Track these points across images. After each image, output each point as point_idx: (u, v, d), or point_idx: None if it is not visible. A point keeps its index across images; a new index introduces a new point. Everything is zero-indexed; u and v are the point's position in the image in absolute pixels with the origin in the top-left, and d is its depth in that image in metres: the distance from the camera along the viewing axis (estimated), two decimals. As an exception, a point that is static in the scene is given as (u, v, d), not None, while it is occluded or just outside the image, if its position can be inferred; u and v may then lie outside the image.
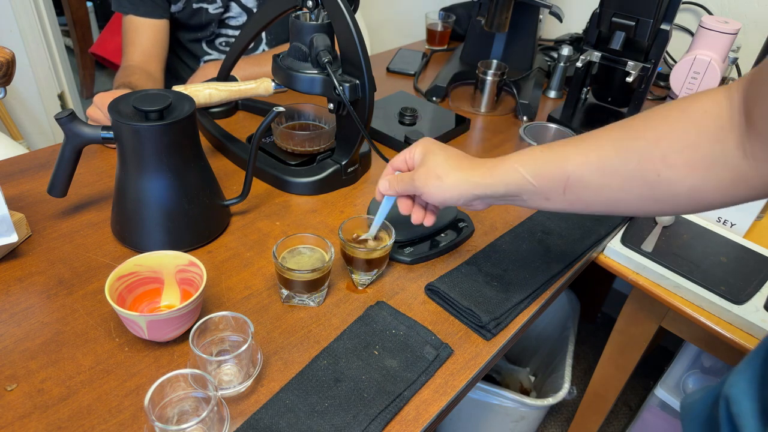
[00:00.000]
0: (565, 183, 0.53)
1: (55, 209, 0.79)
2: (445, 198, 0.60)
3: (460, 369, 0.61)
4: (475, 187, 0.58)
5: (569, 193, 0.54)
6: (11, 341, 0.59)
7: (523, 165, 0.56)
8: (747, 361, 0.42)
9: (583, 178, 0.52)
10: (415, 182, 0.61)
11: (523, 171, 0.56)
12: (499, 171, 0.57)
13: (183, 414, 0.52)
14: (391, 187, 0.64)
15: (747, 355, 0.43)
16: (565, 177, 0.53)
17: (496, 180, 0.57)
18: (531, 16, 1.26)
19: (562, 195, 0.54)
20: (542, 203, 0.57)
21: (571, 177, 0.53)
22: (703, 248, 0.84)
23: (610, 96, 1.16)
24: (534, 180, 0.55)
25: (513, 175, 0.56)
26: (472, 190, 0.58)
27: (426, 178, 0.60)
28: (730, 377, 0.42)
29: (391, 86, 1.29)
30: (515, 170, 0.56)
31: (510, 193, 0.57)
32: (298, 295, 0.66)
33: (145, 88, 1.07)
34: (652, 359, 1.58)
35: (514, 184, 0.56)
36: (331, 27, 0.79)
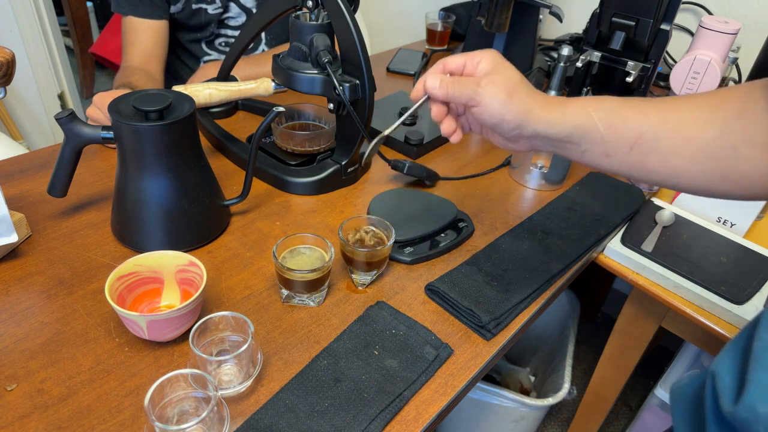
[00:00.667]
0: (635, 140, 0.50)
1: (55, 209, 0.79)
2: (504, 119, 0.53)
3: (460, 369, 0.61)
4: (539, 121, 0.53)
5: (635, 152, 0.50)
6: (11, 341, 0.59)
7: (597, 110, 0.52)
8: (733, 342, 0.42)
9: (656, 139, 0.49)
10: (480, 89, 0.53)
11: (596, 116, 0.51)
12: (569, 110, 0.53)
13: (183, 414, 0.52)
14: (442, 87, 0.56)
15: (733, 337, 0.43)
16: (637, 134, 0.50)
17: (565, 119, 0.52)
18: (531, 16, 1.26)
19: (626, 153, 0.51)
20: (600, 159, 0.53)
21: (644, 135, 0.49)
22: (703, 248, 0.84)
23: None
24: (604, 129, 0.51)
25: (584, 118, 0.52)
26: (534, 123, 0.53)
27: (495, 90, 0.53)
28: (717, 356, 0.43)
29: (391, 86, 1.29)
30: (587, 113, 0.52)
31: (573, 137, 0.52)
32: (298, 295, 0.66)
33: (145, 87, 1.08)
34: (652, 359, 1.58)
35: (581, 127, 0.52)
36: (331, 27, 0.79)
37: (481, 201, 0.90)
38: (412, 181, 0.93)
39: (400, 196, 0.85)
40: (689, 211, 0.92)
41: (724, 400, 0.38)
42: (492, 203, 0.90)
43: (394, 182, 0.93)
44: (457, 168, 0.99)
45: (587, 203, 0.90)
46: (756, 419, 0.34)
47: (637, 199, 0.92)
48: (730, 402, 0.37)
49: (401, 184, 0.93)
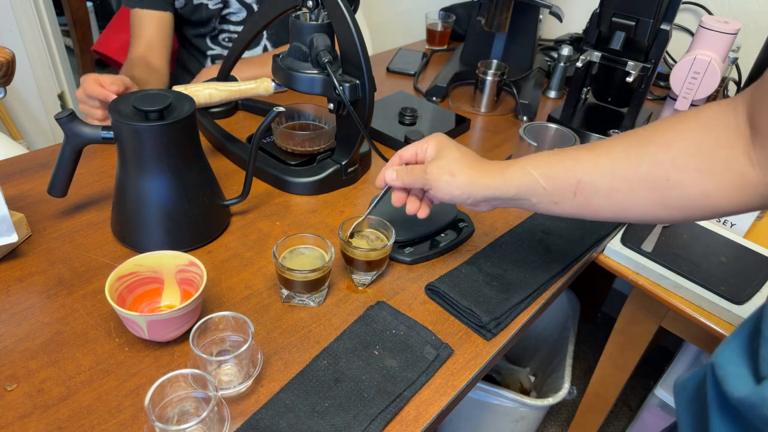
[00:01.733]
0: (575, 187, 0.54)
1: (55, 209, 0.79)
2: (454, 195, 0.60)
3: (460, 369, 0.61)
4: (485, 188, 0.58)
5: (579, 197, 0.54)
6: (11, 341, 0.59)
7: (535, 167, 0.56)
8: (733, 334, 0.44)
9: (594, 182, 0.53)
10: (427, 175, 0.61)
11: (535, 173, 0.56)
12: (510, 173, 0.58)
13: (183, 414, 0.52)
14: (399, 178, 0.64)
15: (733, 330, 0.44)
16: (576, 180, 0.54)
17: (507, 181, 0.58)
18: (531, 16, 1.26)
19: (572, 199, 0.55)
20: (551, 207, 0.57)
21: (582, 180, 0.53)
22: (703, 248, 0.84)
23: (610, 96, 1.16)
24: (545, 182, 0.55)
25: (524, 177, 0.57)
26: (482, 191, 0.59)
27: (439, 173, 0.60)
28: (717, 348, 0.44)
29: (391, 86, 1.29)
30: (527, 172, 0.57)
31: (520, 195, 0.58)
32: (298, 295, 0.66)
33: (146, 80, 1.08)
34: (652, 359, 1.58)
35: (525, 186, 0.57)
36: (331, 27, 0.79)
37: (481, 201, 0.90)
38: (412, 181, 0.93)
39: (400, 196, 0.85)
40: (689, 211, 0.92)
41: (729, 386, 0.39)
42: (492, 203, 0.89)
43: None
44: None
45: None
46: (763, 403, 0.35)
47: (637, 199, 0.92)
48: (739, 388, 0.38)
49: (401, 184, 0.92)
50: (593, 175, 0.53)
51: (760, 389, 0.36)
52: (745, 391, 0.37)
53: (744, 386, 0.38)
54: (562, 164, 0.55)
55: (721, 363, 0.41)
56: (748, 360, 0.40)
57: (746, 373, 0.39)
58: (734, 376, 0.39)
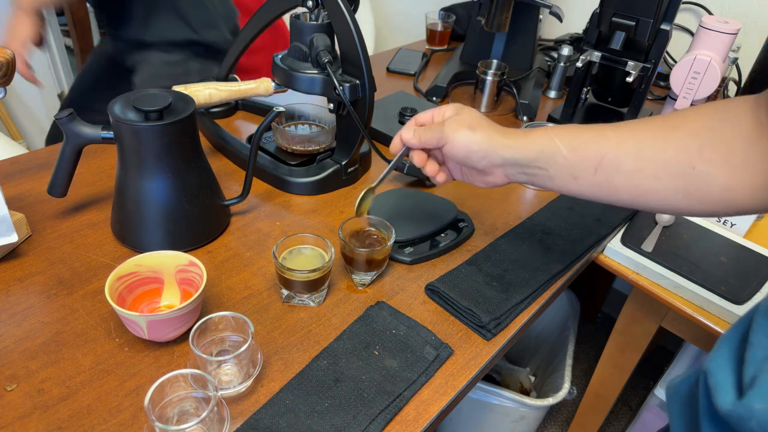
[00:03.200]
0: (598, 162, 0.52)
1: (55, 209, 0.79)
2: (472, 150, 0.57)
3: (460, 369, 0.61)
4: (505, 148, 0.56)
5: (600, 174, 0.52)
6: (11, 341, 0.59)
7: (559, 136, 0.55)
8: (725, 338, 0.43)
9: (618, 159, 0.51)
10: (444, 128, 0.59)
11: (559, 142, 0.54)
12: (532, 137, 0.56)
13: (183, 414, 0.52)
14: (415, 136, 0.62)
15: (725, 332, 0.44)
16: (600, 156, 0.52)
17: (530, 144, 0.55)
18: (531, 16, 1.26)
19: (592, 175, 0.53)
20: (569, 182, 0.55)
21: (606, 157, 0.52)
22: (703, 248, 0.84)
23: (610, 96, 1.16)
24: (568, 153, 0.54)
25: (547, 144, 0.55)
26: (501, 150, 0.56)
27: (458, 126, 0.58)
28: (710, 354, 0.43)
29: (391, 86, 1.29)
30: (550, 139, 0.55)
31: (539, 161, 0.55)
32: (298, 295, 0.66)
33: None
34: (652, 359, 1.58)
35: (546, 152, 0.55)
36: (331, 27, 0.79)
37: (482, 201, 0.90)
38: (412, 181, 0.93)
39: (400, 196, 0.85)
40: (689, 211, 0.92)
41: (718, 398, 0.39)
42: (492, 203, 0.89)
43: (394, 182, 0.93)
44: (457, 168, 0.99)
45: (587, 203, 0.90)
46: (750, 416, 0.35)
47: (637, 199, 0.92)
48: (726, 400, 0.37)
49: (401, 184, 0.93)
50: (618, 153, 0.51)
51: (744, 402, 0.35)
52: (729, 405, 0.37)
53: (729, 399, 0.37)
54: (588, 137, 0.53)
55: (713, 371, 0.41)
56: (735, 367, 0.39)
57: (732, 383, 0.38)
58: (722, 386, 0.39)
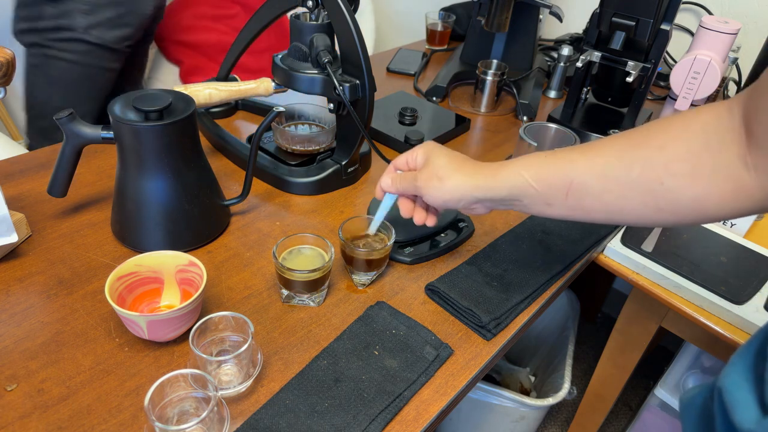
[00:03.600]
0: (567, 188, 0.54)
1: (55, 209, 0.79)
2: (446, 200, 0.60)
3: (460, 369, 0.61)
4: (477, 190, 0.58)
5: (571, 198, 0.54)
6: (11, 341, 0.59)
7: (527, 169, 0.56)
8: (739, 354, 0.43)
9: (586, 183, 0.53)
10: (416, 182, 0.62)
11: (527, 175, 0.56)
12: (501, 174, 0.57)
13: (183, 414, 0.52)
14: (393, 185, 0.65)
15: (739, 348, 0.43)
16: (568, 182, 0.53)
17: (499, 183, 0.57)
18: (531, 16, 1.26)
19: (564, 200, 0.54)
20: (544, 209, 0.57)
21: (574, 182, 0.53)
22: (703, 248, 0.84)
23: (610, 96, 1.16)
24: (536, 184, 0.55)
25: (516, 179, 0.56)
26: (473, 192, 0.59)
27: (428, 179, 0.60)
28: (724, 370, 0.43)
29: (391, 86, 1.29)
30: (518, 174, 0.56)
31: (512, 196, 0.57)
32: (298, 295, 0.66)
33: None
34: (652, 359, 1.58)
35: (516, 187, 0.57)
36: (331, 27, 0.79)
37: (481, 201, 0.90)
38: (412, 181, 0.93)
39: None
40: (689, 211, 0.92)
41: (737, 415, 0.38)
42: (492, 203, 0.89)
43: (394, 182, 0.93)
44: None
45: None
46: None
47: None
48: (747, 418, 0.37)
49: (401, 184, 0.92)
50: (585, 177, 0.53)
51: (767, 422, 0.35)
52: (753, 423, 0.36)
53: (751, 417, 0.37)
54: (554, 165, 0.55)
55: (729, 388, 0.40)
56: (754, 385, 0.39)
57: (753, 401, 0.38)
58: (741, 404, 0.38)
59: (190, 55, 1.87)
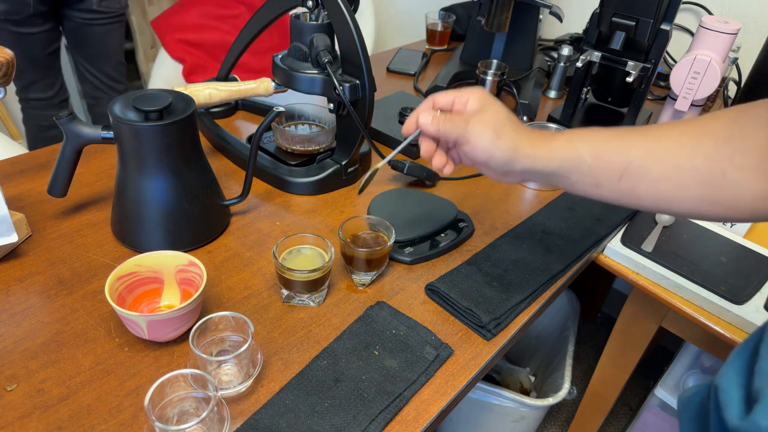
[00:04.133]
0: (623, 169, 0.50)
1: (55, 209, 0.79)
2: (493, 156, 0.54)
3: (460, 369, 0.61)
4: (527, 158, 0.53)
5: (625, 181, 0.51)
6: (11, 341, 0.59)
7: (584, 142, 0.52)
8: (736, 353, 0.42)
9: (644, 167, 0.49)
10: (469, 127, 0.54)
11: (583, 149, 0.52)
12: (555, 145, 0.53)
13: (183, 414, 0.52)
14: (434, 124, 0.57)
15: (736, 347, 0.43)
16: (625, 163, 0.50)
17: (553, 154, 0.53)
18: (531, 16, 1.26)
19: (616, 182, 0.51)
20: (591, 189, 0.53)
21: (632, 164, 0.50)
22: (703, 248, 0.84)
23: (611, 96, 1.16)
24: (592, 160, 0.51)
25: (570, 152, 0.52)
26: (523, 159, 0.54)
27: (483, 129, 0.54)
28: (721, 369, 0.43)
29: (391, 86, 1.29)
30: (574, 147, 0.52)
31: (562, 170, 0.53)
32: (298, 295, 0.66)
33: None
34: (652, 359, 1.58)
35: (569, 161, 0.52)
36: (331, 27, 0.79)
37: (481, 201, 0.90)
38: (412, 181, 0.93)
39: (400, 196, 0.85)
40: (689, 211, 0.92)
41: (728, 413, 0.38)
42: (492, 203, 0.89)
43: (394, 182, 0.93)
44: (457, 168, 0.99)
45: (587, 203, 0.90)
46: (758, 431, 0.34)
47: (637, 199, 0.92)
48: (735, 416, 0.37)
49: (401, 184, 0.93)
50: (644, 160, 0.49)
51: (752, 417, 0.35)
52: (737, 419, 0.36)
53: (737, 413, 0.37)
54: (614, 143, 0.51)
55: (724, 386, 0.40)
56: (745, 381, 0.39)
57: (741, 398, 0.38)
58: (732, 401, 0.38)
59: (193, 53, 1.88)
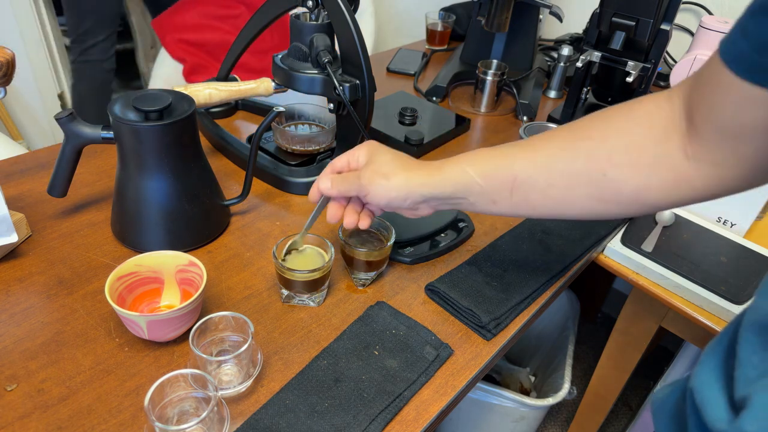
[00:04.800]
0: (512, 183, 0.54)
1: (55, 209, 0.79)
2: (391, 198, 0.58)
3: (460, 369, 0.61)
4: (422, 187, 0.57)
5: (516, 194, 0.54)
6: (11, 341, 0.59)
7: (471, 165, 0.56)
8: (708, 352, 0.42)
9: (531, 178, 0.53)
10: (361, 180, 0.58)
11: (471, 171, 0.55)
12: (446, 171, 0.57)
13: (183, 414, 0.52)
14: (334, 187, 0.61)
15: (708, 346, 0.43)
16: (512, 177, 0.53)
17: (444, 179, 0.56)
18: (531, 16, 1.26)
19: (509, 197, 0.54)
20: (489, 206, 0.57)
21: (518, 177, 0.53)
22: (703, 248, 0.84)
23: (610, 96, 1.16)
24: (481, 180, 0.55)
25: (461, 175, 0.56)
26: (418, 189, 0.57)
27: (372, 177, 0.58)
28: (694, 370, 0.43)
29: (391, 86, 1.29)
30: (463, 170, 0.56)
31: (457, 193, 0.57)
32: (298, 295, 0.66)
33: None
34: (652, 359, 1.58)
35: (461, 184, 0.56)
36: (331, 27, 0.79)
37: (481, 201, 0.90)
38: (412, 181, 0.93)
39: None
40: (689, 211, 0.92)
41: (707, 415, 0.38)
42: (492, 203, 0.89)
43: (394, 182, 0.93)
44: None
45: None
46: None
47: (637, 199, 0.92)
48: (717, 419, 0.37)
49: (401, 184, 0.92)
50: (530, 172, 0.53)
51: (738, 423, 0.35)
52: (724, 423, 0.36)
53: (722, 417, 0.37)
54: (499, 161, 0.55)
55: (699, 387, 0.40)
56: (724, 384, 0.39)
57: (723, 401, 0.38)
58: (712, 404, 0.38)
59: (193, 53, 1.88)
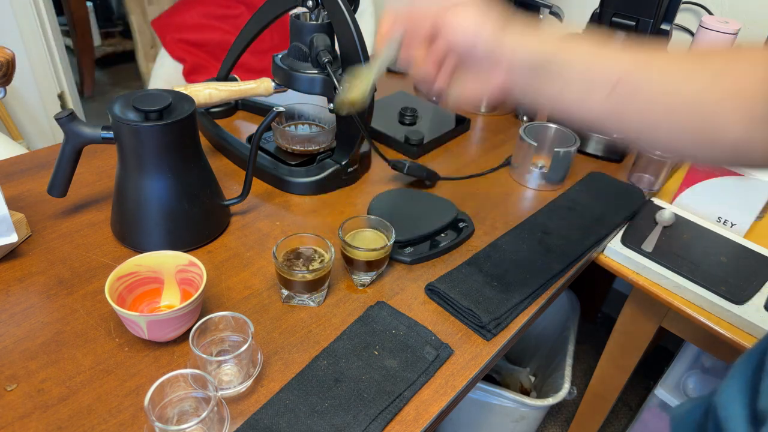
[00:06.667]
0: (614, 83, 0.44)
1: (55, 209, 0.79)
2: (468, 26, 0.47)
3: (460, 369, 0.61)
4: (515, 42, 0.47)
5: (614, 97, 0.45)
6: (11, 341, 0.59)
7: (579, 44, 0.46)
8: (737, 369, 0.41)
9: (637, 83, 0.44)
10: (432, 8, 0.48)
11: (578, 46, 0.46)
12: (548, 35, 0.47)
13: (183, 414, 0.52)
14: (398, 22, 0.50)
15: (736, 363, 0.42)
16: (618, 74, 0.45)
17: (545, 43, 0.46)
18: (531, 16, 1.26)
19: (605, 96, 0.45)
20: (578, 99, 0.47)
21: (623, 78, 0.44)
22: (703, 248, 0.84)
23: (610, 96, 1.16)
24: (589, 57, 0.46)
25: (570, 40, 0.46)
26: (510, 42, 0.47)
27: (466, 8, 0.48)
28: (720, 386, 0.42)
29: (391, 86, 1.29)
30: (566, 42, 0.46)
31: (556, 59, 0.46)
32: (298, 295, 0.66)
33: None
34: (652, 359, 1.58)
35: (567, 50, 0.46)
36: (331, 27, 0.79)
37: (482, 201, 0.90)
38: (412, 181, 0.93)
39: (400, 196, 0.85)
40: (689, 211, 0.92)
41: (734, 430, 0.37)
42: (492, 203, 0.90)
43: (394, 182, 0.93)
44: (457, 168, 0.99)
45: (587, 203, 0.90)
46: None
47: (637, 199, 0.92)
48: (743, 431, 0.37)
49: (401, 184, 0.92)
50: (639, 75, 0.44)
51: None
52: None
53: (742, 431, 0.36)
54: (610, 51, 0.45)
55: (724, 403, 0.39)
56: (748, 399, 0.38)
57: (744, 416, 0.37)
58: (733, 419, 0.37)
59: (193, 53, 1.88)
